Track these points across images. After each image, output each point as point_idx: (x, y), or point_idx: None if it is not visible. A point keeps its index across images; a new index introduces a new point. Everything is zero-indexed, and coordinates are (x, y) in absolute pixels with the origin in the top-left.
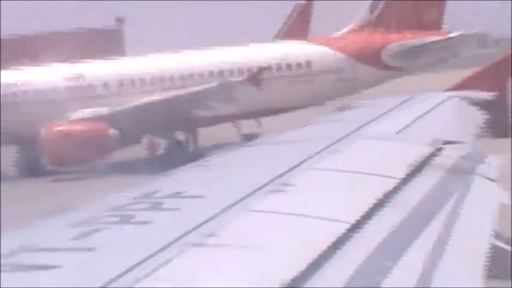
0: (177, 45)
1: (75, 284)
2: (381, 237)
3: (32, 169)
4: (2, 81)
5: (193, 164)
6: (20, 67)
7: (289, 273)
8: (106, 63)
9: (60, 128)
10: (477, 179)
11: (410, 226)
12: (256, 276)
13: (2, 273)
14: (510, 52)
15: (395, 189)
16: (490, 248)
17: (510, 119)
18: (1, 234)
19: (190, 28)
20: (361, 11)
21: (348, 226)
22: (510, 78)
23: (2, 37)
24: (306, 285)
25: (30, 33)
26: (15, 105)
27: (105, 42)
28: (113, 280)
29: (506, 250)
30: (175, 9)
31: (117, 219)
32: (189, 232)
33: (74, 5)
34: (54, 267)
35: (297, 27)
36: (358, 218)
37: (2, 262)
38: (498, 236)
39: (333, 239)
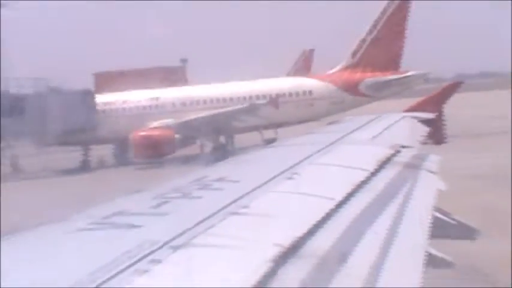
0: (224, 78)
1: (152, 237)
2: (359, 207)
3: (123, 160)
4: (104, 101)
5: (231, 158)
6: (116, 92)
7: (294, 232)
8: (173, 90)
9: (142, 133)
10: (423, 172)
11: (376, 203)
12: (273, 232)
13: (100, 230)
14: (443, 87)
15: (368, 178)
16: (432, 217)
17: (443, 132)
18: (107, 202)
19: (232, 66)
20: (345, 57)
21: (335, 202)
22: (443, 104)
23: (102, 71)
24: (305, 238)
25: (122, 69)
26: (113, 118)
27: (173, 76)
28: (177, 235)
29: (443, 219)
30: (222, 53)
31: (180, 195)
32: (229, 205)
33: (151, 49)
34: (138, 226)
35: (302, 67)
36: (343, 196)
37: (101, 221)
38: (437, 209)
39: (326, 210)
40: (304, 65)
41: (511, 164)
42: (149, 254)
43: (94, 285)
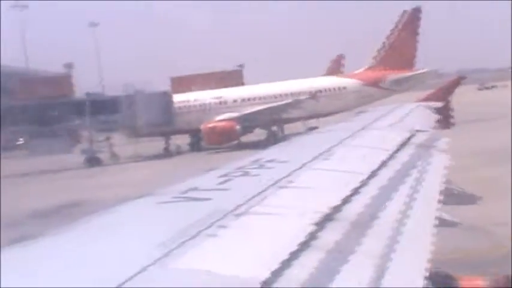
0: (274, 78)
1: (219, 207)
2: (383, 180)
3: (197, 147)
4: (180, 100)
5: (281, 143)
6: (188, 92)
7: (331, 201)
8: (234, 89)
9: (211, 125)
10: (434, 151)
11: (397, 176)
12: (314, 201)
13: (179, 203)
14: (449, 81)
15: (390, 156)
16: (442, 186)
17: (451, 118)
18: (184, 181)
19: (279, 68)
20: (369, 59)
21: (363, 176)
22: (450, 95)
23: (177, 76)
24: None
25: (193, 73)
26: (187, 113)
27: (233, 78)
28: (239, 206)
29: (451, 187)
30: (271, 57)
31: (241, 173)
32: (279, 180)
33: (213, 54)
34: (208, 199)
35: (336, 67)
36: (370, 171)
37: (180, 196)
38: (447, 181)
39: (356, 182)
40: (335, 67)
41: (510, 141)
42: (217, 221)
43: (174, 246)
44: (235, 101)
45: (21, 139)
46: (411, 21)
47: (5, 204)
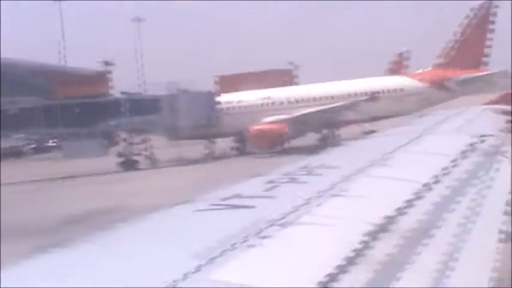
0: (330, 78)
1: (264, 216)
2: (443, 189)
3: (242, 151)
4: (225, 100)
5: (334, 148)
6: (234, 92)
7: (385, 212)
8: (283, 89)
9: (258, 127)
10: (501, 157)
11: (459, 185)
12: (367, 212)
13: (220, 211)
14: None
15: (453, 163)
16: (510, 196)
17: None
18: (227, 187)
19: (334, 67)
20: (434, 58)
21: (423, 184)
22: None
23: (223, 75)
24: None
25: (239, 72)
26: (233, 114)
27: (284, 78)
28: (285, 215)
29: None
30: (325, 55)
31: (288, 179)
32: (329, 188)
33: (264, 56)
34: (253, 207)
35: (397, 67)
36: (431, 178)
37: (221, 203)
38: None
39: (414, 192)
40: (396, 66)
41: None
42: (260, 230)
43: (213, 256)
44: (284, 101)
45: (54, 140)
46: (482, 17)
47: (35, 209)
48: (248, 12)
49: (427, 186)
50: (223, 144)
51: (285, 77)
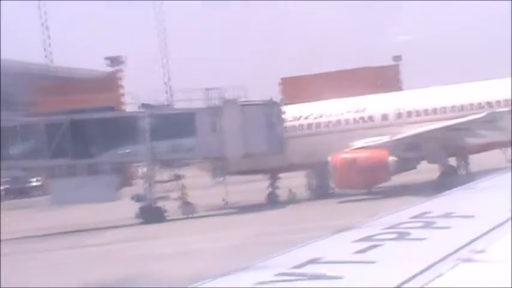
0: (449, 79)
1: None
2: None
3: (321, 192)
4: (294, 115)
5: (463, 186)
6: (307, 102)
7: None
8: (385, 97)
9: (345, 155)
10: None
11: None
12: None
13: (291, 282)
14: None
15: None
16: None
17: None
18: (302, 245)
19: (450, 64)
20: None
21: None
22: None
23: (290, 77)
24: None
25: (313, 72)
26: (306, 136)
27: (384, 76)
28: None
29: None
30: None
31: (394, 235)
32: (459, 249)
33: (352, 46)
34: (339, 277)
35: None
36: None
37: (291, 272)
38: None
39: None
40: None
41: None
42: None
43: None
44: (387, 115)
45: (38, 178)
46: None
47: None
48: None
49: None
50: (292, 181)
51: (387, 78)
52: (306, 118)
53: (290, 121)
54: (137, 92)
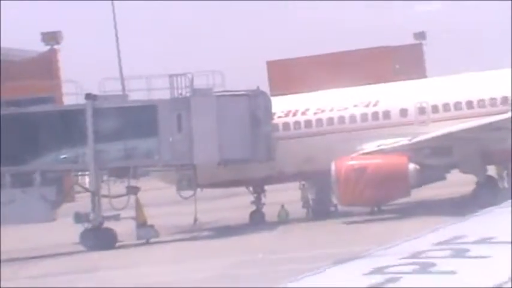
0: (487, 64)
1: None
2: None
3: (321, 209)
4: (284, 109)
5: (505, 203)
6: (300, 93)
7: None
8: (403, 85)
9: (351, 162)
10: None
11: None
12: None
13: None
14: None
15: None
16: None
17: None
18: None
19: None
20: None
21: None
22: None
23: (278, 59)
24: None
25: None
26: (301, 137)
27: (402, 60)
28: None
29: None
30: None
31: (416, 267)
32: (502, 284)
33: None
34: None
35: None
36: None
37: None
38: None
39: None
40: None
41: None
42: None
43: None
44: (406, 110)
45: None
46: None
47: None
48: None
49: None
50: (283, 196)
51: (408, 60)
52: (302, 114)
53: (280, 117)
54: (80, 79)
